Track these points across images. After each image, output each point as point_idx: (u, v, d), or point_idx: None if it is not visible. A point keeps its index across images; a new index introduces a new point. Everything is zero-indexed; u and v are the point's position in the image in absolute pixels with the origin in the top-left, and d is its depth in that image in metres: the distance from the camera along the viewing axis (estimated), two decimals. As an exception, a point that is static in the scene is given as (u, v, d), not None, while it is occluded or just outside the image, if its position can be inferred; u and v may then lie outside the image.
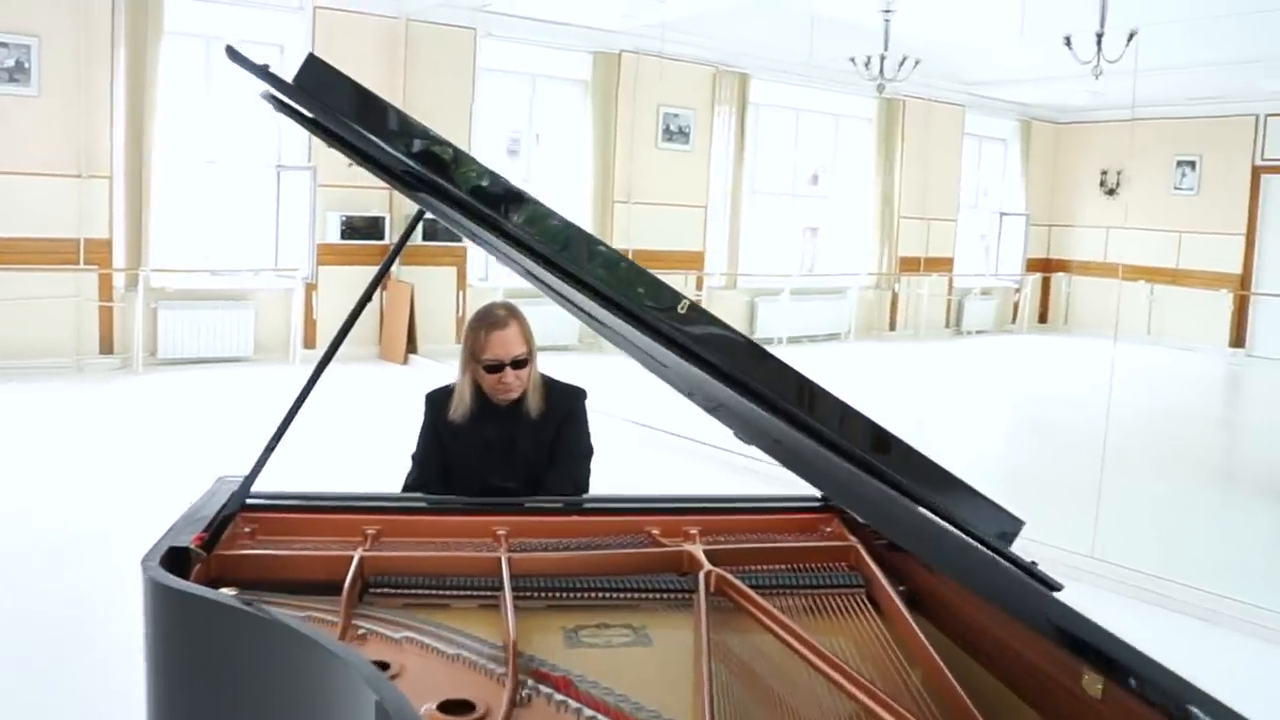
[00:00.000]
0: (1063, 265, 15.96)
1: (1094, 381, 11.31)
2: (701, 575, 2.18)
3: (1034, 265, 15.96)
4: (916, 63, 11.46)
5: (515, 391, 2.94)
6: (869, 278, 14.18)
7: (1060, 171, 16.03)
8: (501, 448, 3.00)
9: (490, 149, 11.11)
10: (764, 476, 5.61)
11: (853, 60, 11.45)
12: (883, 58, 11.48)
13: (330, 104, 1.99)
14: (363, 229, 10.24)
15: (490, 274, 11.08)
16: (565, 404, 3.06)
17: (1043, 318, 16.10)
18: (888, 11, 11.16)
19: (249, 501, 2.47)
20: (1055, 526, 4.77)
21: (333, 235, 10.13)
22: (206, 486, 2.56)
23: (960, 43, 12.43)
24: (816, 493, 2.60)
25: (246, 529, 2.44)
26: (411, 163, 1.97)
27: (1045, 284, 16.07)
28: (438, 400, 3.07)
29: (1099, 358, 13.03)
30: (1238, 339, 13.93)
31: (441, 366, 9.91)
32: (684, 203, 12.27)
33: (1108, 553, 4.85)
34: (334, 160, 9.80)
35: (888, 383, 11.10)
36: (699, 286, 12.65)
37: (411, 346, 10.28)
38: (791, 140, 13.64)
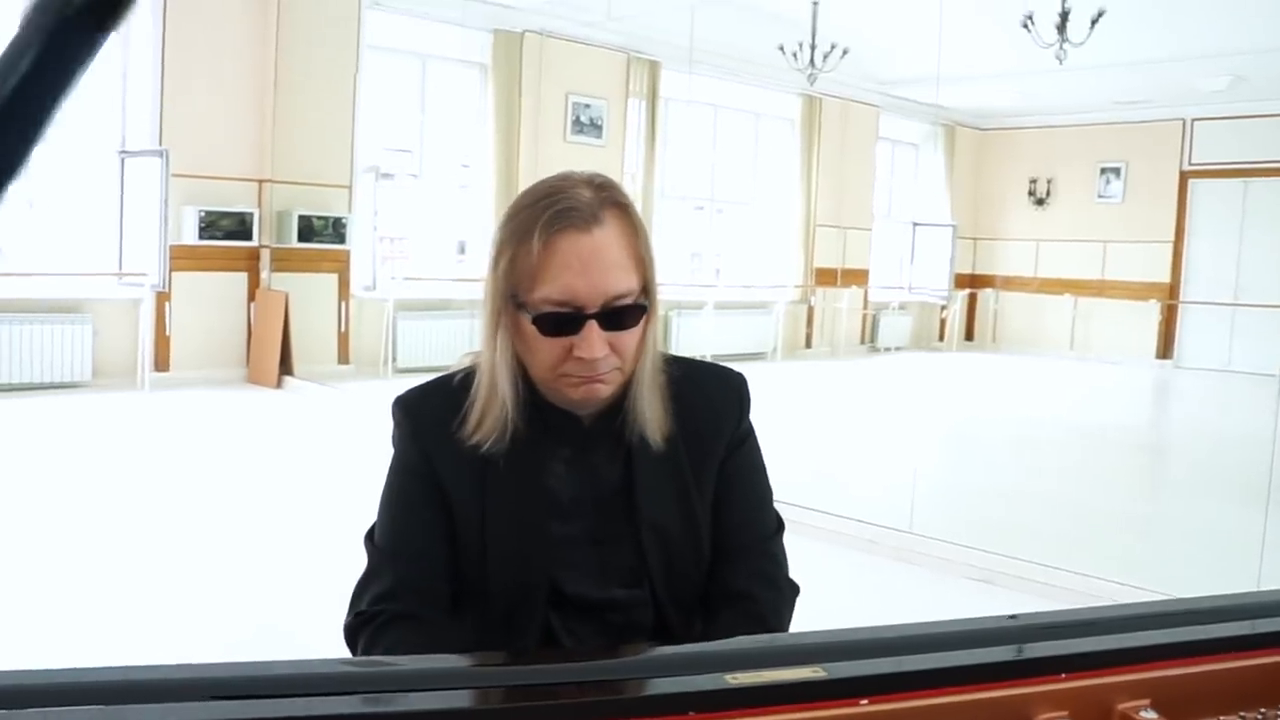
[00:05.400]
0: (988, 280, 15.09)
1: (1019, 396, 11.23)
2: None
3: (960, 281, 15.08)
4: (844, 52, 10.59)
5: (610, 382, 1.25)
6: (794, 291, 13.09)
7: (984, 181, 15.19)
8: (596, 511, 1.32)
9: (374, 138, 9.64)
10: (944, 564, 4.51)
11: (782, 48, 10.51)
12: (813, 46, 10.56)
13: None
14: (227, 228, 8.63)
15: (378, 283, 9.60)
16: (726, 411, 1.37)
17: (969, 335, 15.19)
18: (816, -4, 10.24)
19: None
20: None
21: (189, 235, 8.45)
22: None
23: (879, 38, 11.53)
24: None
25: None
26: None
27: (971, 300, 15.11)
28: (425, 412, 1.32)
29: (1024, 374, 12.61)
30: (1165, 350, 13.40)
31: (324, 390, 8.39)
32: (595, 204, 10.81)
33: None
34: (190, 144, 8.27)
35: (836, 407, 10.14)
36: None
37: (286, 367, 8.71)
38: (708, 138, 12.48)
